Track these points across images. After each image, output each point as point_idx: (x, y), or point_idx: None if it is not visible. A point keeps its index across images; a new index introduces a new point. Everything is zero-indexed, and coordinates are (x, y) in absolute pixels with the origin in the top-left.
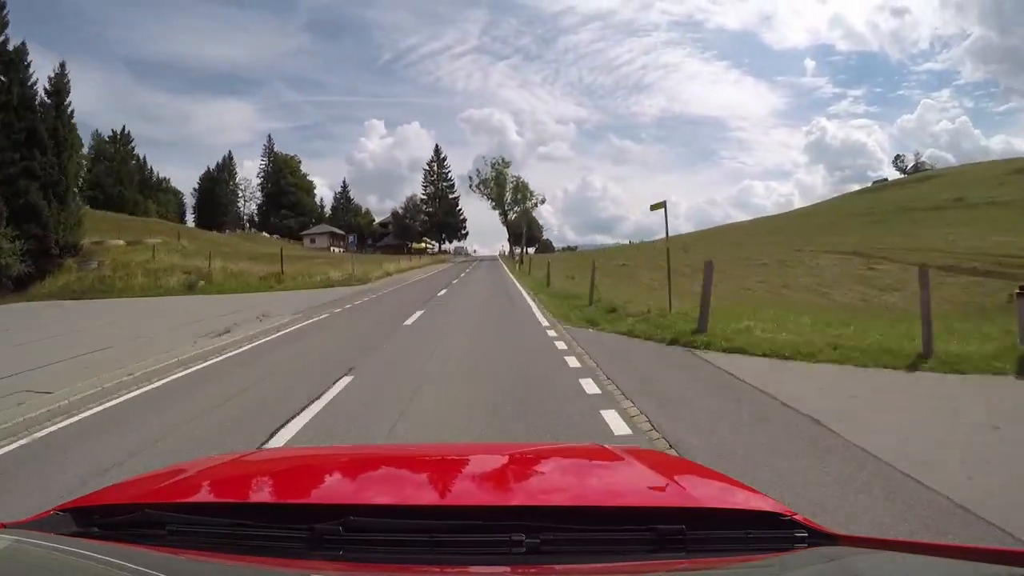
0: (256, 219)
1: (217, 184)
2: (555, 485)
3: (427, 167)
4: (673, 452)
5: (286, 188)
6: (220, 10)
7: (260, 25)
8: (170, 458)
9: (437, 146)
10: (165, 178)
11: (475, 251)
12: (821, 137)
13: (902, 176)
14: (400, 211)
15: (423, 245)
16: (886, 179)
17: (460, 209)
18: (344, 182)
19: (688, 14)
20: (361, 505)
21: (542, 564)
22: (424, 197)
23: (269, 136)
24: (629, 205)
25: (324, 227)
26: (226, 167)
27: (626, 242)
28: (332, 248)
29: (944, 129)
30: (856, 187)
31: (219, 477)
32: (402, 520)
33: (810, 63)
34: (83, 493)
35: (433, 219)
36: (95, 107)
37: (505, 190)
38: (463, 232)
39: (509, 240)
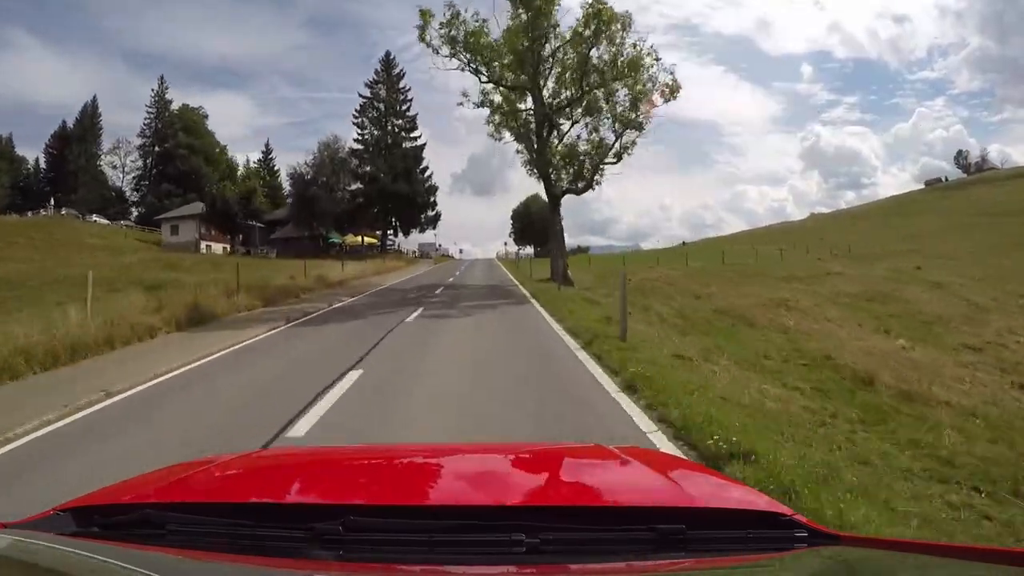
0: (135, 197)
1: (71, 145)
2: (555, 485)
3: (369, 90)
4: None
5: (175, 152)
6: (219, 3)
7: (259, 20)
8: None
9: (388, 55)
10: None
11: (461, 252)
12: (816, 143)
13: (965, 175)
14: (305, 171)
15: (359, 239)
16: (941, 179)
17: (427, 169)
18: (267, 144)
19: (686, 18)
20: (361, 505)
21: (542, 564)
22: (359, 146)
23: (161, 78)
24: (623, 207)
25: (195, 207)
26: (88, 122)
27: (625, 244)
28: (204, 243)
29: (939, 138)
30: (851, 194)
31: (219, 477)
32: (402, 520)
33: (807, 69)
34: None
35: (373, 186)
36: (89, 98)
37: (549, 32)
38: (431, 213)
39: (514, 234)
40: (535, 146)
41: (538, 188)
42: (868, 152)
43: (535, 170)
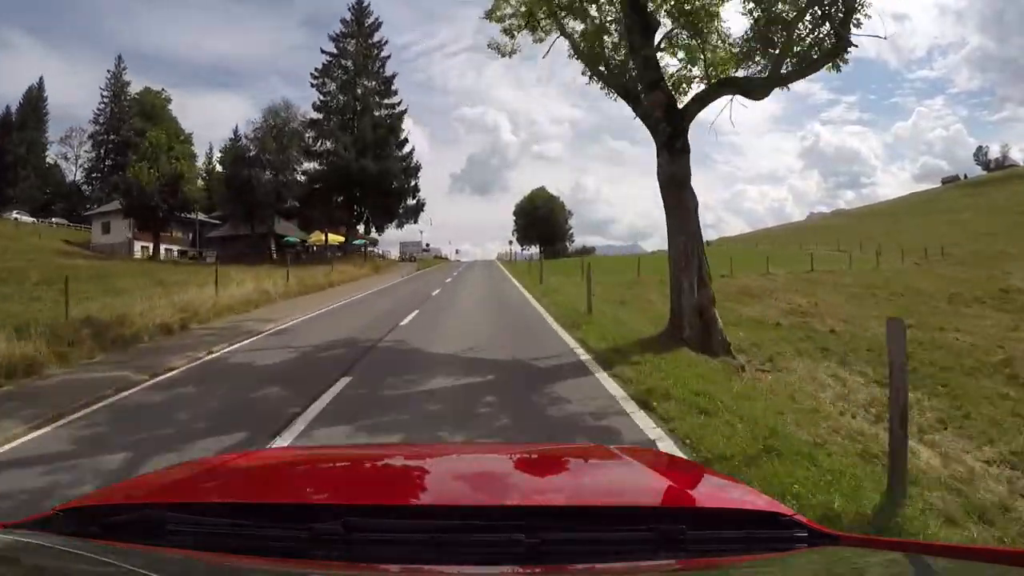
0: (89, 190)
1: (11, 134)
2: (555, 485)
3: (334, 45)
4: None
5: (131, 140)
6: (218, 4)
7: (258, 20)
8: None
9: (360, 2)
10: None
11: (458, 253)
12: (815, 143)
13: (985, 172)
14: (246, 147)
15: (322, 237)
16: (957, 176)
17: (406, 143)
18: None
19: None
20: (361, 505)
21: (542, 564)
22: (318, 115)
23: (119, 58)
24: (623, 207)
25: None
26: (31, 107)
27: (625, 244)
28: (137, 244)
29: (938, 137)
30: (851, 193)
31: (219, 477)
32: (402, 520)
33: None
34: None
35: (335, 167)
36: (88, 99)
37: None
38: (412, 202)
39: (517, 232)
40: (623, 8)
41: (543, 179)
42: (867, 151)
43: (600, 68)
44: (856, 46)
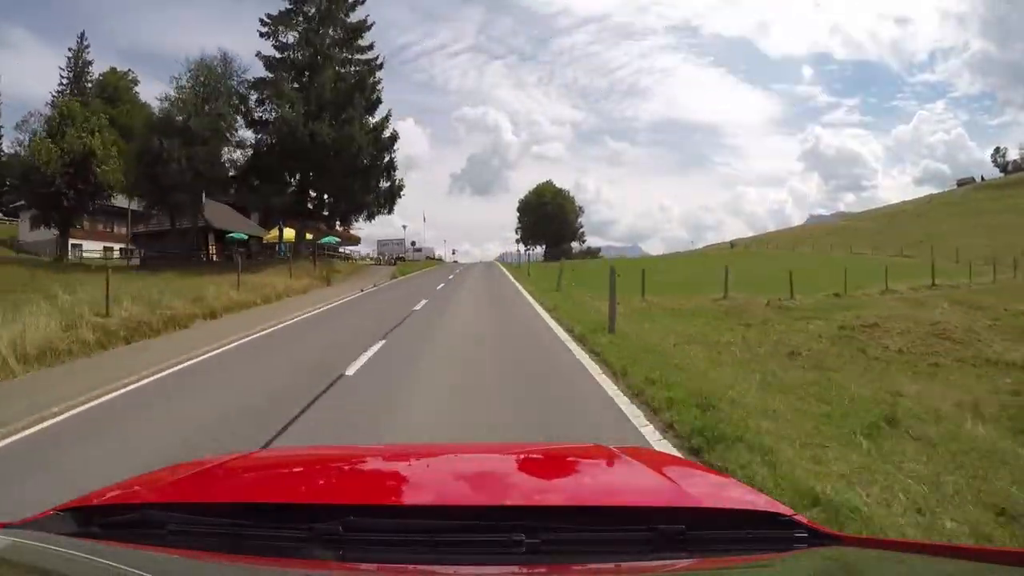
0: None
1: None
2: (555, 485)
3: None
4: None
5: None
6: (217, 3)
7: (255, 18)
8: None
9: None
10: None
11: (455, 254)
12: (816, 145)
13: (1003, 174)
14: (168, 110)
15: (273, 234)
16: (973, 178)
17: (379, 104)
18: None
19: (685, 19)
20: (361, 505)
21: (542, 564)
22: (269, 74)
23: (81, 34)
24: (622, 208)
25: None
26: None
27: (625, 245)
28: (75, 241)
29: (940, 140)
30: (851, 196)
31: (219, 477)
32: (402, 520)
33: (807, 71)
34: None
35: (280, 135)
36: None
37: None
38: (384, 184)
39: (521, 230)
40: None
41: (550, 174)
42: (868, 154)
43: None
44: None
